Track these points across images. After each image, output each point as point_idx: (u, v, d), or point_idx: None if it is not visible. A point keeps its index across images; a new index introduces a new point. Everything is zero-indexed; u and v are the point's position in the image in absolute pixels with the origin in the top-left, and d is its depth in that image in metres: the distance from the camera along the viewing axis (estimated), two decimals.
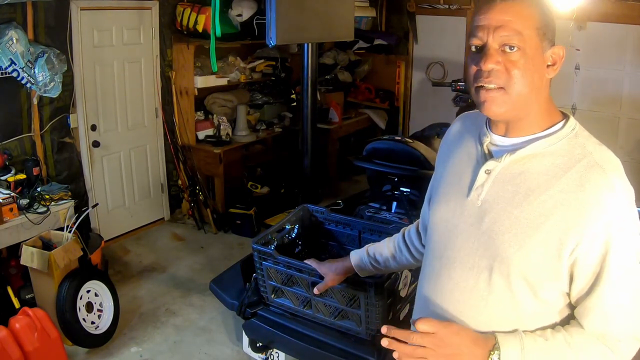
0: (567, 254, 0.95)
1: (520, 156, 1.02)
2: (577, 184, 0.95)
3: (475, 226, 1.05)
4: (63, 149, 3.73)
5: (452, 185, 1.13)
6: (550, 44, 1.01)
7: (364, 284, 1.89)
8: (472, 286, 1.05)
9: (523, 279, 0.99)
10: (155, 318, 3.26)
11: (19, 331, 2.52)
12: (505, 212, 1.01)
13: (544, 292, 1.00)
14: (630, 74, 4.82)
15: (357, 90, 6.17)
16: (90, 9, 3.74)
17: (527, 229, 0.98)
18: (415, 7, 5.78)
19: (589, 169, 0.96)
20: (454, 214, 1.10)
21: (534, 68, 0.98)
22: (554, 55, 1.01)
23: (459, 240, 1.08)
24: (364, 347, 2.05)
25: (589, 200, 0.94)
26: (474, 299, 1.05)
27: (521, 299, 1.01)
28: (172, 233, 4.47)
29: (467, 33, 1.05)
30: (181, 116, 4.53)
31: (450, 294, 1.09)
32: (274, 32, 3.04)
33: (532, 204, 0.98)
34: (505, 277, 1.00)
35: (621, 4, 4.61)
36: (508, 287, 1.01)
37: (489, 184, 1.04)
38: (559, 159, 0.99)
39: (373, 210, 3.17)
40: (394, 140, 3.24)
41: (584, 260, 0.96)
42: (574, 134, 1.01)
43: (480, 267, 1.03)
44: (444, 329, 0.96)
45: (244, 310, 2.34)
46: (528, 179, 1.00)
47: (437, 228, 1.15)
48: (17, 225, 2.99)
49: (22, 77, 3.18)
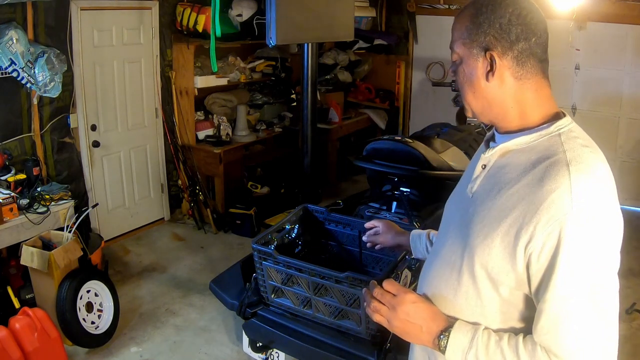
0: (522, 250, 0.94)
1: (503, 150, 1.04)
2: (538, 179, 0.94)
3: (462, 217, 1.08)
4: (63, 149, 3.73)
5: (463, 181, 1.19)
6: (484, 50, 1.01)
7: (364, 283, 1.89)
8: (447, 277, 1.08)
9: (484, 270, 0.99)
10: (155, 318, 3.26)
11: (19, 331, 2.52)
12: (482, 204, 1.03)
13: (504, 288, 0.99)
14: (630, 74, 4.82)
15: (357, 90, 6.17)
16: (90, 9, 3.74)
17: (493, 221, 0.98)
18: (415, 7, 5.78)
19: (553, 165, 0.94)
20: (455, 205, 1.16)
21: (467, 78, 1.05)
22: (486, 61, 1.02)
23: (449, 232, 1.12)
24: (364, 347, 2.05)
25: (544, 196, 0.91)
26: (447, 289, 1.07)
27: (484, 293, 1.01)
28: (172, 233, 4.47)
29: None
30: (181, 116, 4.53)
31: (430, 284, 1.13)
32: (274, 32, 3.04)
33: (502, 197, 0.99)
34: (471, 267, 1.02)
35: (621, 4, 4.61)
36: (472, 278, 1.02)
37: (481, 177, 1.08)
38: (534, 155, 0.99)
39: (373, 210, 3.17)
40: (394, 140, 3.24)
41: (535, 260, 0.93)
42: (558, 132, 0.99)
43: (455, 257, 1.06)
44: (404, 294, 1.05)
45: (244, 310, 2.34)
46: (505, 173, 1.01)
47: (444, 217, 1.21)
48: (17, 225, 2.99)
49: (22, 77, 3.18)
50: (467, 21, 1.03)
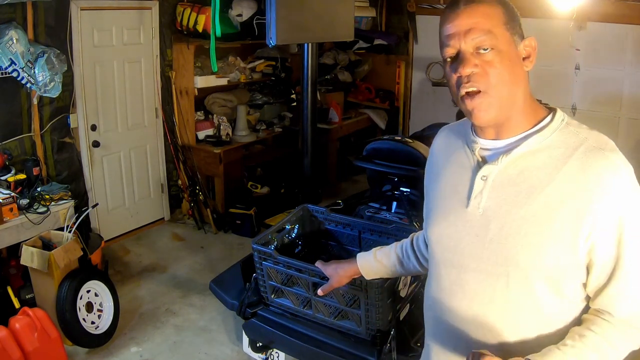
0: (583, 242, 0.94)
1: (516, 155, 1.00)
2: (579, 170, 0.94)
3: (480, 236, 1.03)
4: (63, 149, 3.73)
5: (449, 199, 1.10)
6: (521, 37, 1.01)
7: (364, 284, 1.89)
8: (489, 298, 1.02)
9: (544, 279, 0.97)
10: (155, 318, 3.26)
11: (19, 331, 2.52)
12: (510, 215, 0.99)
13: (566, 287, 0.98)
14: (630, 74, 4.82)
15: (357, 90, 6.17)
16: (90, 9, 3.74)
17: (536, 227, 0.96)
18: (415, 7, 5.78)
19: (588, 153, 0.96)
20: (456, 227, 1.07)
21: (510, 63, 0.98)
22: (527, 48, 1.01)
23: (467, 252, 1.05)
24: (364, 347, 2.05)
25: (594, 183, 0.93)
26: (495, 308, 1.02)
27: (543, 300, 0.99)
28: (172, 233, 4.47)
29: (439, 45, 1.04)
30: (181, 116, 4.53)
31: (468, 309, 1.06)
32: (274, 32, 3.04)
33: (537, 200, 0.96)
34: (523, 280, 0.98)
35: (621, 4, 4.61)
36: (528, 291, 0.99)
37: (487, 190, 1.03)
38: (555, 150, 0.98)
39: (373, 210, 3.17)
40: (394, 140, 3.24)
41: (600, 245, 0.94)
42: (565, 124, 1.01)
43: (495, 275, 1.01)
44: None
45: (244, 310, 2.34)
46: (528, 177, 0.99)
47: (439, 244, 1.12)
48: (17, 225, 2.99)
49: (22, 77, 3.17)
50: (500, 5, 0.99)
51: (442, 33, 1.01)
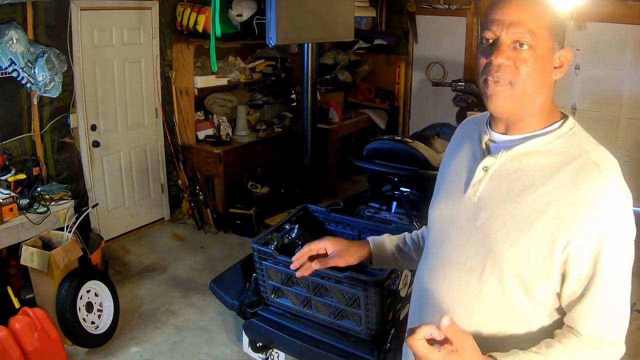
0: (560, 251, 0.95)
1: (516, 153, 1.02)
2: (572, 181, 0.95)
3: (470, 222, 1.05)
4: (63, 149, 3.73)
5: (452, 183, 1.14)
6: (560, 46, 1.01)
7: (364, 284, 1.89)
8: (464, 284, 1.05)
9: (516, 276, 0.99)
10: (155, 318, 3.26)
11: (19, 331, 2.52)
12: (499, 208, 1.01)
13: (537, 291, 0.99)
14: (630, 74, 4.82)
15: (357, 90, 6.17)
16: (90, 9, 3.74)
17: (520, 225, 0.98)
18: (415, 7, 5.78)
19: (584, 166, 0.96)
20: (452, 210, 1.11)
21: (542, 68, 0.98)
22: (562, 58, 1.01)
23: (454, 236, 1.09)
24: (364, 347, 2.06)
25: (584, 197, 0.94)
26: (467, 297, 1.05)
27: (513, 298, 1.00)
28: (172, 233, 4.47)
29: (480, 23, 1.05)
30: (181, 116, 4.53)
31: (445, 292, 1.09)
32: (274, 32, 3.04)
33: (527, 200, 0.98)
34: (498, 274, 1.00)
35: (621, 4, 4.61)
36: (500, 285, 1.01)
37: (486, 180, 1.05)
38: (555, 156, 0.99)
39: (373, 210, 3.17)
40: (394, 140, 3.25)
41: (576, 258, 0.95)
42: (572, 132, 1.02)
43: (472, 264, 1.04)
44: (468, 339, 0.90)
45: (244, 310, 2.34)
46: (524, 175, 1.00)
47: (435, 225, 1.16)
48: (17, 225, 2.99)
49: (22, 77, 3.17)
50: (550, 11, 0.99)
51: (488, 14, 1.01)
